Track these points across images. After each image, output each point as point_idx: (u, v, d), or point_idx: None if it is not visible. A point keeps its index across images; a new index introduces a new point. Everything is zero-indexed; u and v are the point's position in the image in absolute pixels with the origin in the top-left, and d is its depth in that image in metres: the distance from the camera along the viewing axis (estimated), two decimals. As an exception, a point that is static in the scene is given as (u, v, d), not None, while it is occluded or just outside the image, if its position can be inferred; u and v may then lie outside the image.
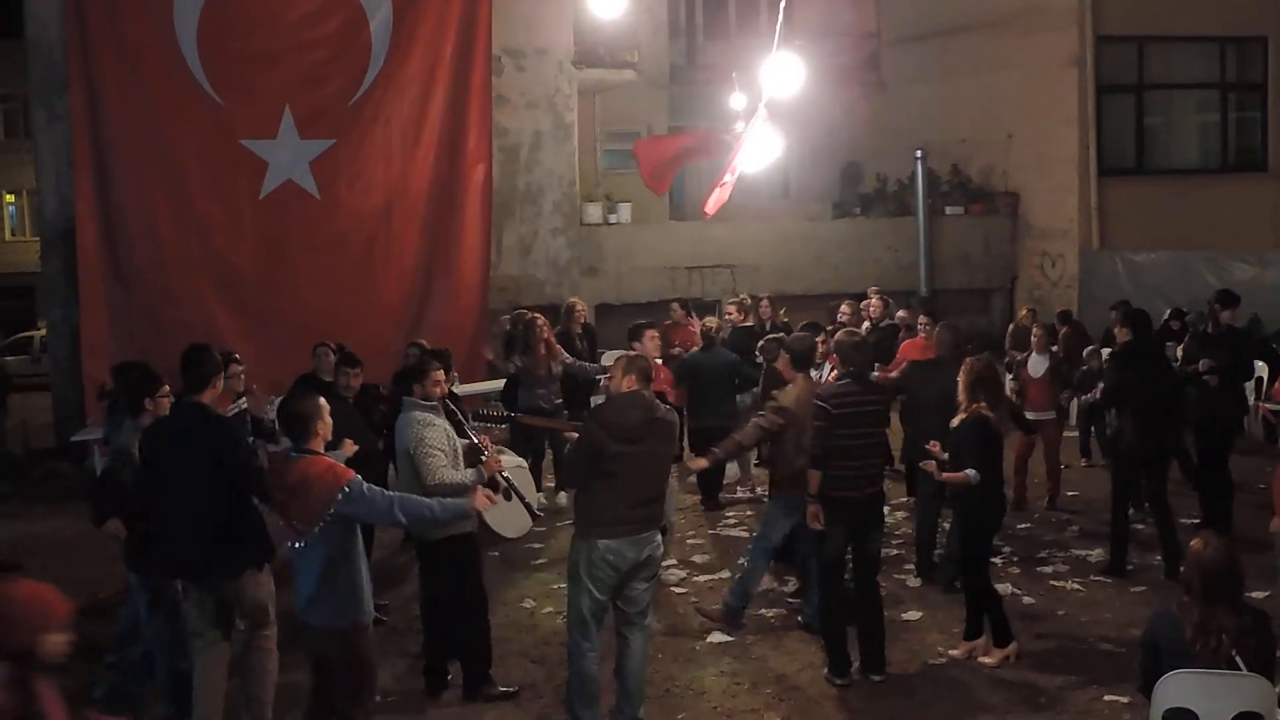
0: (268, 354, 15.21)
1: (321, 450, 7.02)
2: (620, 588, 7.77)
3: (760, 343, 12.59)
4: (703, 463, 10.47)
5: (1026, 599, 10.33)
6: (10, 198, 48.64)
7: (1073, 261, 22.35)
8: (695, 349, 14.10)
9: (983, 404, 8.90)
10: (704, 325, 14.41)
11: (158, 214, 17.16)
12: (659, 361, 11.81)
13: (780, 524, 9.74)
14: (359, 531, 7.00)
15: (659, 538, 7.89)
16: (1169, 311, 17.40)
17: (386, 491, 7.09)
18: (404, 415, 8.49)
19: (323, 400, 7.21)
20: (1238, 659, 5.93)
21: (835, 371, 9.54)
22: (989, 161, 24.08)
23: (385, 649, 9.80)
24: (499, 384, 14.44)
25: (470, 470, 8.30)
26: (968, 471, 8.85)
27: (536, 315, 13.85)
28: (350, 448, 8.91)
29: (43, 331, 32.58)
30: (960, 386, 9.05)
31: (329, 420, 7.14)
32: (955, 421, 9.07)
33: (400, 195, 18.19)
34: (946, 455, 9.10)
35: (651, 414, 7.74)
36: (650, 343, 11.37)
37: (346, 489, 6.72)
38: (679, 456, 11.10)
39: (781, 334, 12.19)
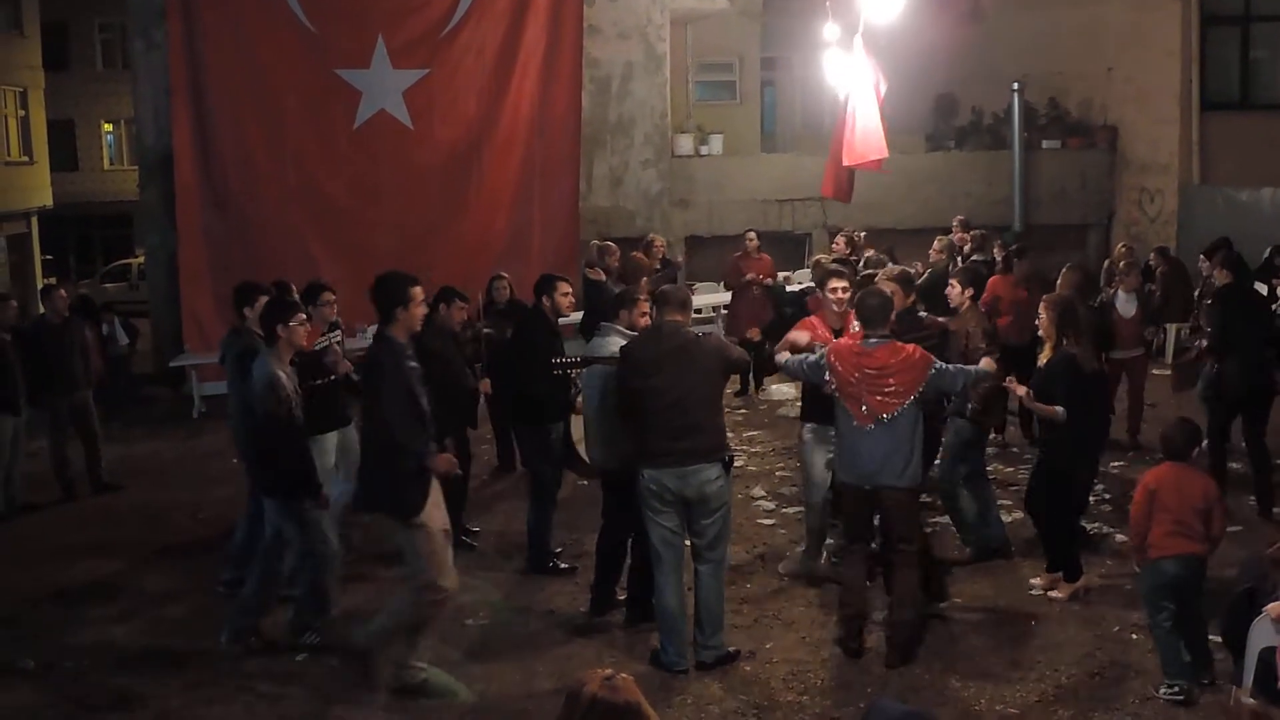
0: (360, 284, 15.32)
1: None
2: (687, 521, 7.90)
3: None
4: None
5: (1119, 536, 10.25)
6: (109, 127, 49.29)
7: (1172, 197, 21.92)
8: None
9: (1070, 340, 8.80)
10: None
11: (253, 143, 17.33)
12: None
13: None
14: None
15: (712, 472, 7.79)
16: (1270, 248, 17.06)
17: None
18: (600, 340, 8.77)
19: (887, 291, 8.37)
20: None
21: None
22: (1088, 94, 23.61)
23: (475, 573, 9.96)
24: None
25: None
26: (1057, 407, 8.79)
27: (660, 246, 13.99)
28: None
29: (141, 259, 33.15)
30: (1044, 322, 8.96)
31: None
32: (1042, 359, 9.02)
33: (492, 126, 18.21)
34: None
35: (677, 343, 7.79)
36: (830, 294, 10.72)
37: (937, 364, 7.88)
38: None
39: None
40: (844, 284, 9.27)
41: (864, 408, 7.82)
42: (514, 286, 12.55)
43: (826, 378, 8.01)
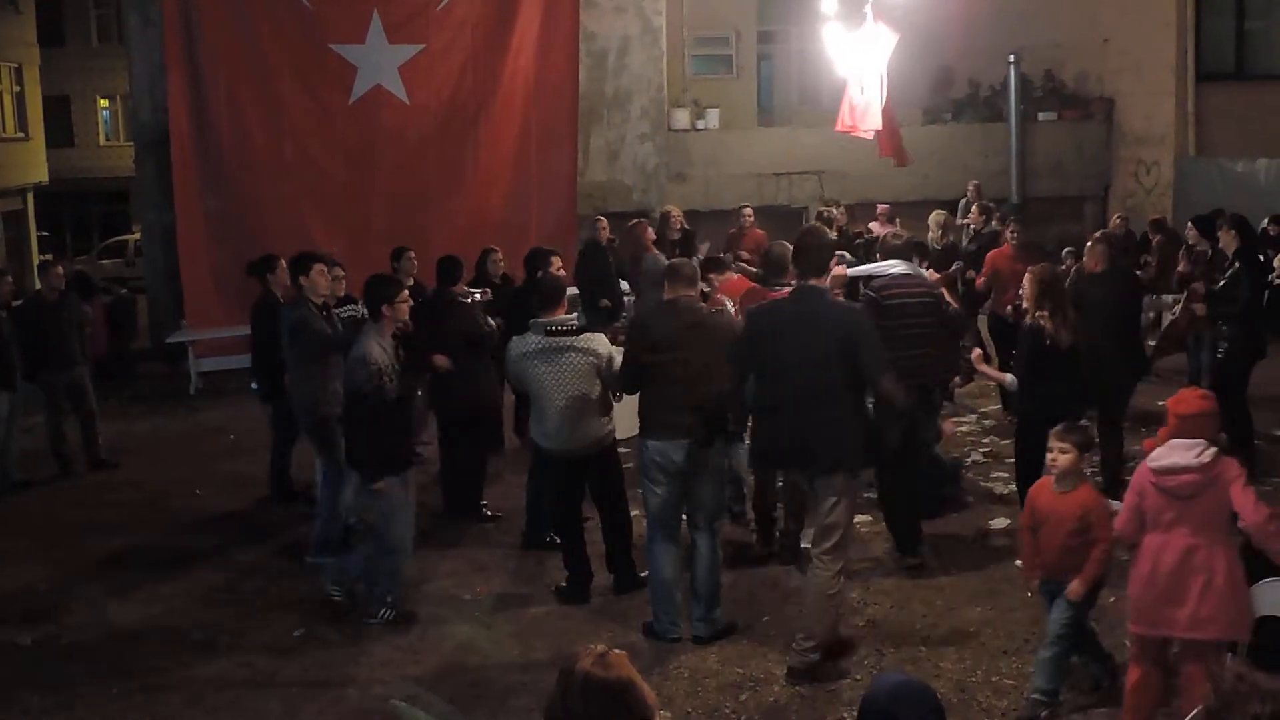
0: (358, 259, 15.28)
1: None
2: (686, 491, 7.97)
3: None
4: None
5: (1114, 503, 10.26)
6: (105, 103, 49.22)
7: (1168, 169, 21.90)
8: None
9: (1044, 314, 8.82)
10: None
11: (249, 119, 17.28)
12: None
13: None
14: None
15: (714, 445, 7.92)
16: (1268, 218, 17.07)
17: None
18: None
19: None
20: None
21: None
22: (1084, 66, 23.57)
23: (473, 547, 9.98)
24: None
25: None
26: (1007, 376, 8.95)
27: (640, 220, 14.05)
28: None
29: (137, 235, 33.13)
30: (1026, 294, 9.02)
31: None
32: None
33: (489, 101, 18.18)
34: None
35: (690, 320, 7.89)
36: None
37: None
38: None
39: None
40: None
41: None
42: (509, 259, 12.62)
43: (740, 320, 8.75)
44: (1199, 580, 5.98)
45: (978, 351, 9.53)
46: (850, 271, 10.34)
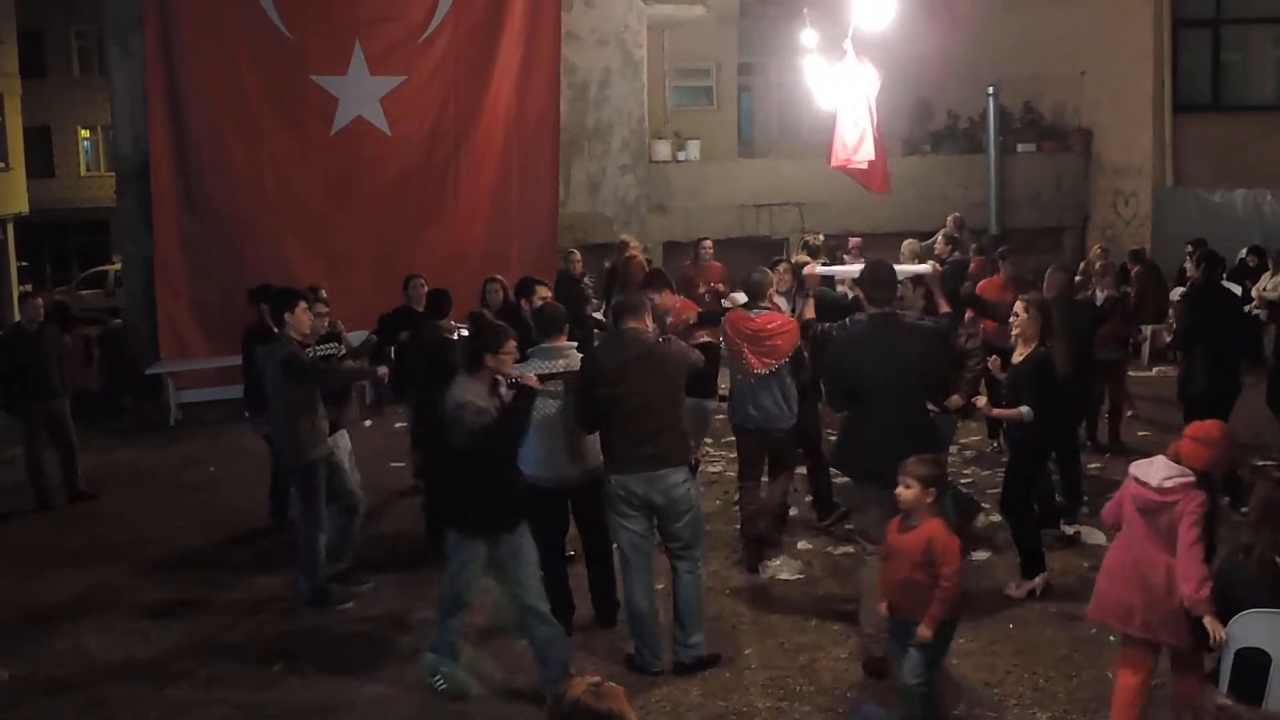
0: (339, 290, 15.24)
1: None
2: (659, 526, 8.02)
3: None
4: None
5: (1092, 539, 10.28)
6: (86, 133, 49.15)
7: (1146, 199, 21.99)
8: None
9: (1048, 343, 8.98)
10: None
11: (231, 150, 17.29)
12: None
13: None
14: None
15: (679, 476, 7.90)
16: (1246, 249, 17.17)
17: None
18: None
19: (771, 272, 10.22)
20: None
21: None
22: (1062, 98, 23.70)
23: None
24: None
25: None
26: (1021, 409, 8.90)
27: (634, 252, 14.05)
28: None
29: (117, 266, 33.05)
30: (1025, 322, 9.05)
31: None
32: (1016, 358, 9.10)
33: (470, 132, 18.22)
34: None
35: (640, 351, 7.92)
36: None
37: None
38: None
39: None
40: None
41: (744, 363, 9.56)
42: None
43: (722, 341, 9.92)
44: (1143, 584, 6.40)
45: (983, 400, 9.54)
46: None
